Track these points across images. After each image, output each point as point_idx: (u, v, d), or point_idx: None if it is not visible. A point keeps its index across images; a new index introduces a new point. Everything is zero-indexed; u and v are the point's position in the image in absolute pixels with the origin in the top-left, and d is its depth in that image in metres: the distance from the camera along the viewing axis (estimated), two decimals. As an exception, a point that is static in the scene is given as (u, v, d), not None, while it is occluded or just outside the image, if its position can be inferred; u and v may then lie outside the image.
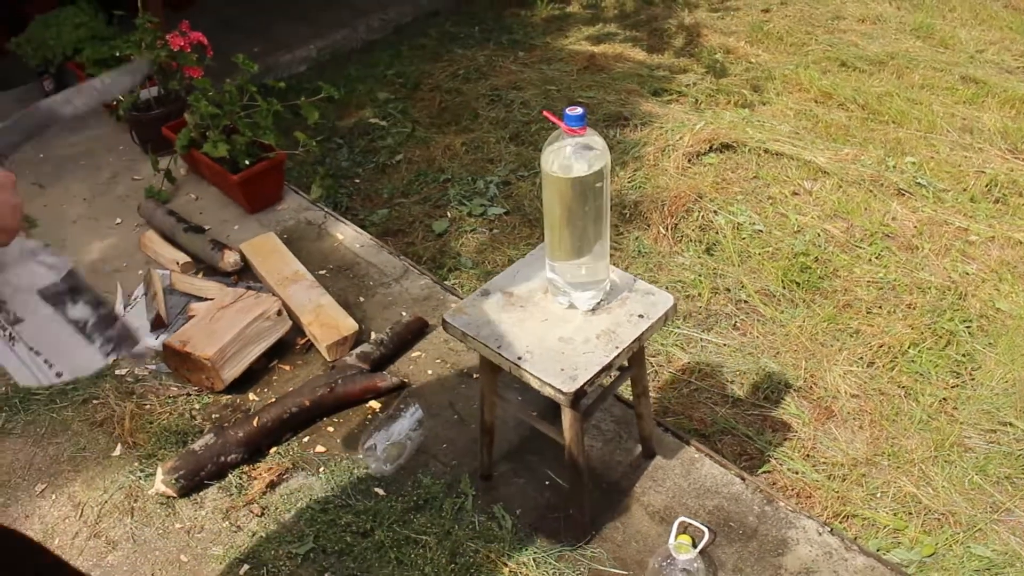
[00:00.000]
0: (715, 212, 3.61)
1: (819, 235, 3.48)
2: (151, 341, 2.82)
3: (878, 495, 2.49)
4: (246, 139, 3.34)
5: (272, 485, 2.37)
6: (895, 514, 2.42)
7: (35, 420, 2.62)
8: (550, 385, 1.77)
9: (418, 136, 4.31)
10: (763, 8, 5.71)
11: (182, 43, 3.57)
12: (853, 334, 3.03)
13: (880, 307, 3.14)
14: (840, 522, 2.40)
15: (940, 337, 3.00)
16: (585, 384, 1.76)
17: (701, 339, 3.05)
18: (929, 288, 3.20)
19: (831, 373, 2.87)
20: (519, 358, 1.82)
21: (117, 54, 3.75)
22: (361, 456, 2.42)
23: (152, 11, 3.72)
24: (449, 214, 3.72)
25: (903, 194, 3.72)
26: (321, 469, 2.41)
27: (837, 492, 2.48)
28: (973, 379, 2.86)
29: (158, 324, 2.84)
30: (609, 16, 5.68)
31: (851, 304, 3.16)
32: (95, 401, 2.66)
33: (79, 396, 2.67)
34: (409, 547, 2.17)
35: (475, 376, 2.65)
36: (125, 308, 3.00)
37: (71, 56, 4.10)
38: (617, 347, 1.83)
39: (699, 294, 3.23)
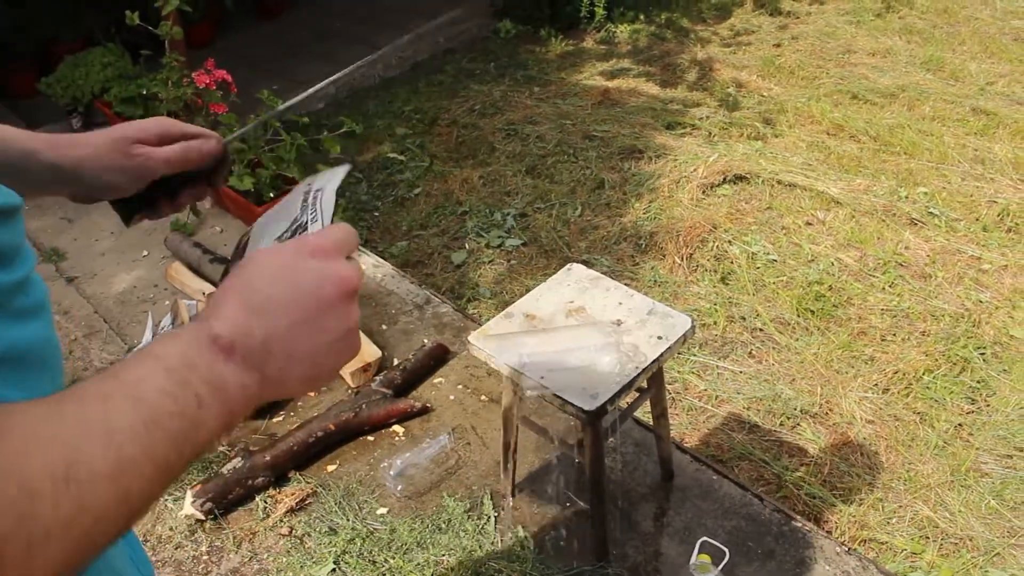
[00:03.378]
0: (729, 242, 3.67)
1: (833, 264, 3.53)
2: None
3: (895, 519, 2.51)
4: (270, 172, 3.43)
5: (296, 508, 2.41)
6: (912, 538, 2.44)
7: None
8: (572, 404, 1.81)
9: (436, 170, 4.39)
10: (774, 43, 5.80)
11: (207, 80, 3.66)
12: (868, 361, 3.07)
13: (894, 334, 3.18)
14: (857, 546, 2.42)
15: (954, 364, 3.03)
16: (606, 403, 1.81)
17: (717, 366, 3.08)
18: (943, 316, 3.24)
19: (847, 399, 2.90)
20: (541, 378, 1.86)
21: (144, 92, 3.85)
22: (384, 479, 2.46)
23: (178, 51, 3.83)
24: (467, 245, 3.78)
25: (916, 224, 3.77)
26: (344, 492, 2.45)
27: (854, 516, 2.51)
28: (988, 405, 2.88)
29: (185, 352, 2.90)
30: (622, 51, 5.78)
31: (865, 332, 3.19)
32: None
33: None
34: (430, 568, 2.21)
35: (495, 401, 2.70)
36: (154, 336, 3.06)
37: (99, 95, 4.21)
38: (637, 367, 1.87)
39: (715, 322, 3.28)
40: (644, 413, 2.47)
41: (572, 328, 2.01)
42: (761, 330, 3.24)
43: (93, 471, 0.52)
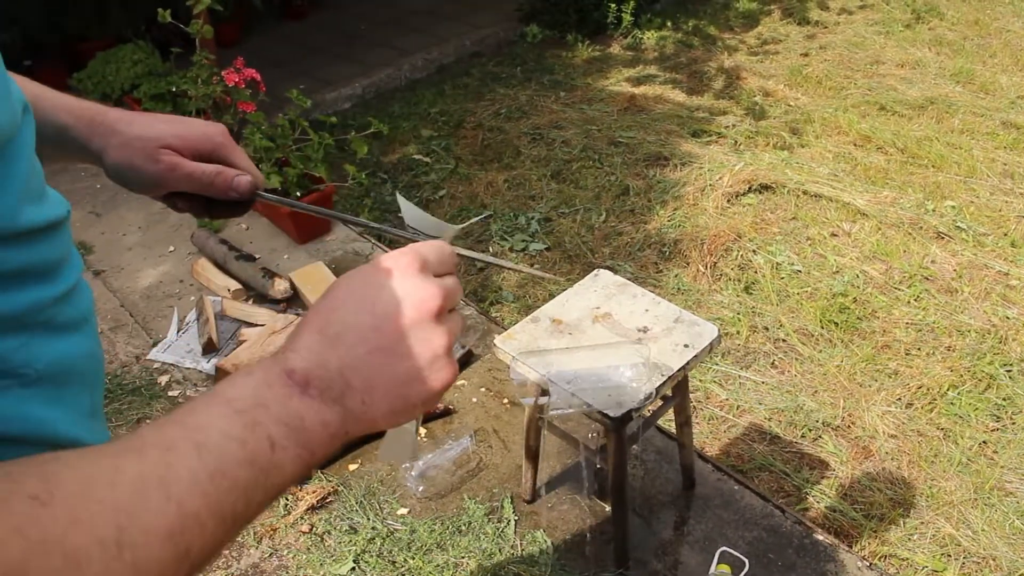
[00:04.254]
0: (754, 252, 3.65)
1: (858, 276, 3.51)
2: (204, 364, 2.90)
3: (916, 536, 2.49)
4: (298, 171, 3.44)
5: (317, 506, 2.42)
6: (934, 556, 2.43)
7: (89, 438, 2.69)
8: (597, 410, 1.81)
9: (461, 172, 4.40)
10: (802, 52, 5.78)
11: (236, 79, 3.68)
12: (892, 375, 3.05)
13: (919, 349, 3.15)
14: (878, 561, 2.40)
15: (980, 380, 3.00)
16: (631, 410, 1.81)
17: (739, 376, 3.07)
18: (969, 331, 3.22)
19: (869, 413, 2.89)
20: (567, 383, 1.86)
21: (174, 89, 3.88)
22: (405, 480, 2.47)
23: (208, 50, 3.85)
24: (491, 249, 3.79)
25: (943, 237, 3.74)
26: (365, 491, 2.46)
27: (875, 531, 2.49)
28: (1014, 423, 2.86)
29: (210, 348, 2.92)
30: (649, 58, 5.77)
31: (890, 345, 3.18)
32: (147, 421, 2.74)
33: (134, 415, 2.74)
34: (449, 570, 2.21)
35: (518, 404, 2.70)
36: (178, 332, 3.08)
37: (129, 91, 4.24)
38: (663, 375, 1.87)
39: (738, 332, 3.26)
40: (666, 421, 2.46)
41: (598, 334, 2.01)
42: (784, 341, 3.23)
43: (148, 531, 0.49)
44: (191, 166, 0.92)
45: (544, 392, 1.88)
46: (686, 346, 1.95)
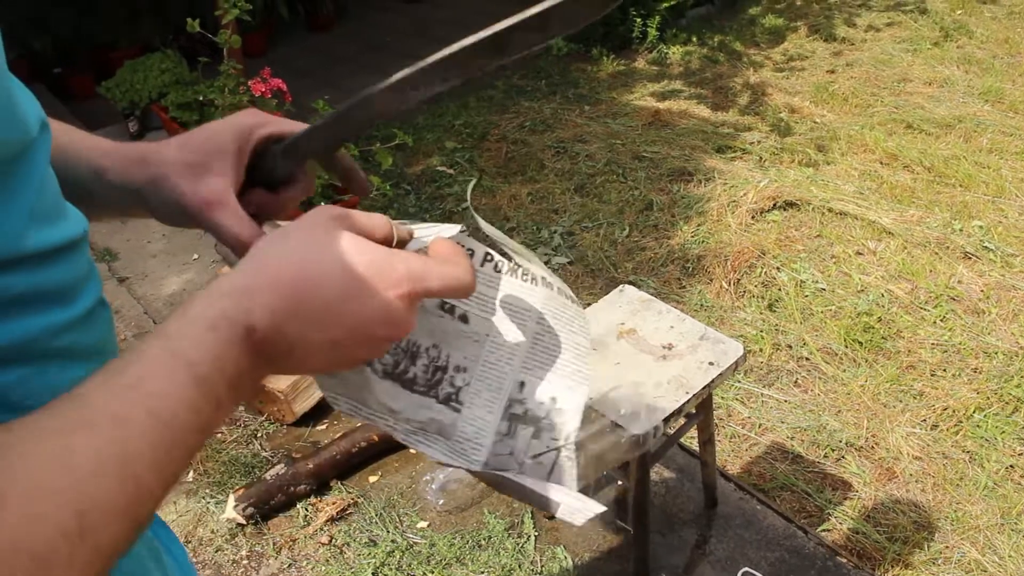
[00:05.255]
0: (778, 269, 3.63)
1: (883, 295, 3.48)
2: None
3: (940, 560, 2.46)
4: (322, 181, 3.45)
5: (337, 517, 2.42)
6: (959, 580, 2.39)
7: (111, 444, 2.71)
8: (620, 427, 1.80)
9: (484, 185, 4.40)
10: (828, 69, 5.75)
11: (263, 89, 3.71)
12: (916, 396, 3.02)
13: (945, 370, 3.12)
14: (902, 584, 2.38)
15: (1007, 403, 2.96)
16: (655, 428, 1.80)
17: (762, 394, 3.05)
18: (996, 353, 3.18)
19: (894, 434, 2.86)
20: (591, 399, 1.85)
21: (200, 98, 3.90)
22: (425, 493, 2.46)
23: (235, 59, 3.88)
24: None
25: (970, 257, 3.71)
26: (385, 503, 2.45)
27: (898, 555, 2.46)
28: (1041, 447, 2.82)
29: (232, 356, 2.93)
30: (674, 73, 5.76)
31: (915, 366, 3.14)
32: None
33: (155, 422, 2.75)
34: (469, 585, 2.20)
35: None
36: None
37: (156, 99, 4.27)
38: (688, 393, 1.86)
39: (760, 349, 3.24)
40: (688, 439, 2.45)
41: (623, 350, 2.00)
42: (808, 359, 3.20)
43: (107, 511, 0.48)
44: (235, 208, 0.78)
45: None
46: (711, 364, 1.94)
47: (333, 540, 2.35)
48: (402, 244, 0.69)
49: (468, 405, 0.75)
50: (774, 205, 4.06)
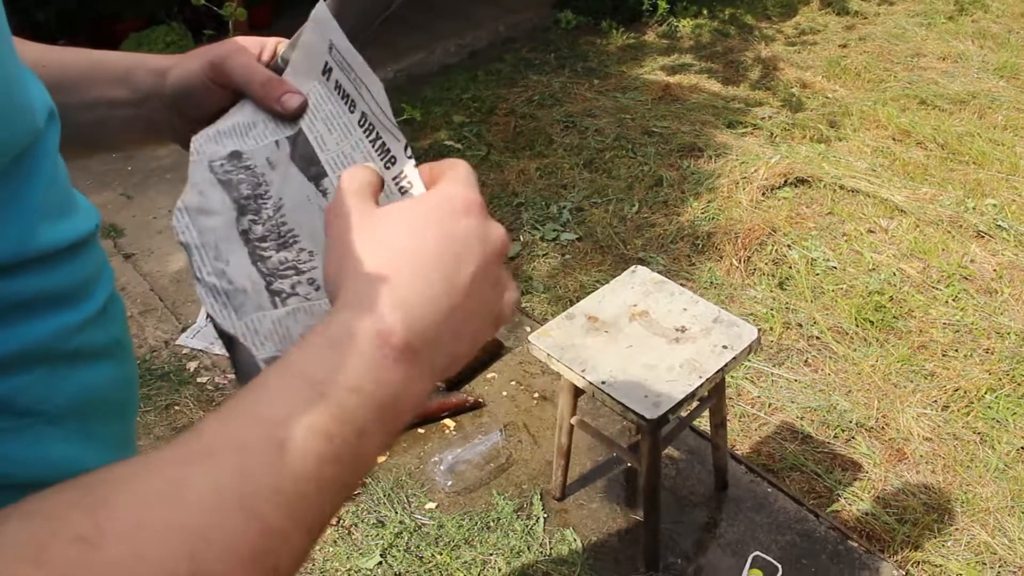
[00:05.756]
0: (788, 246, 3.60)
1: (894, 274, 3.45)
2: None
3: (950, 542, 2.45)
4: (329, 156, 3.42)
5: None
6: (968, 563, 2.38)
7: (119, 421, 2.70)
8: (633, 411, 1.78)
9: (492, 160, 4.36)
10: (841, 43, 5.68)
11: (270, 61, 3.66)
12: (928, 376, 2.99)
13: (956, 350, 3.09)
14: (911, 567, 2.36)
15: (1019, 384, 2.94)
16: (668, 412, 1.78)
17: (772, 374, 3.03)
18: (1008, 334, 3.15)
19: (904, 415, 2.84)
20: (603, 382, 1.84)
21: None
22: (434, 474, 2.45)
23: (241, 31, 3.83)
24: (522, 238, 3.75)
25: (983, 236, 3.67)
26: (393, 484, 2.44)
27: (908, 536, 2.45)
28: (1053, 428, 2.80)
29: (239, 334, 2.91)
30: (685, 47, 5.70)
31: (926, 346, 3.12)
32: (176, 408, 2.74)
33: (162, 401, 2.75)
34: (477, 567, 2.19)
35: (549, 399, 2.67)
36: (204, 321, 3.08)
37: (161, 71, 4.24)
38: (701, 377, 1.84)
39: (771, 328, 3.22)
40: (700, 420, 2.43)
41: (635, 332, 1.98)
42: (818, 338, 3.18)
43: (228, 556, 0.41)
44: (253, 61, 0.76)
45: (579, 392, 1.85)
46: (725, 347, 1.92)
47: (340, 520, 2.34)
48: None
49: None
50: (785, 182, 4.02)
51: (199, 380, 2.82)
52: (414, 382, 0.50)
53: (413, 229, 0.54)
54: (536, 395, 2.73)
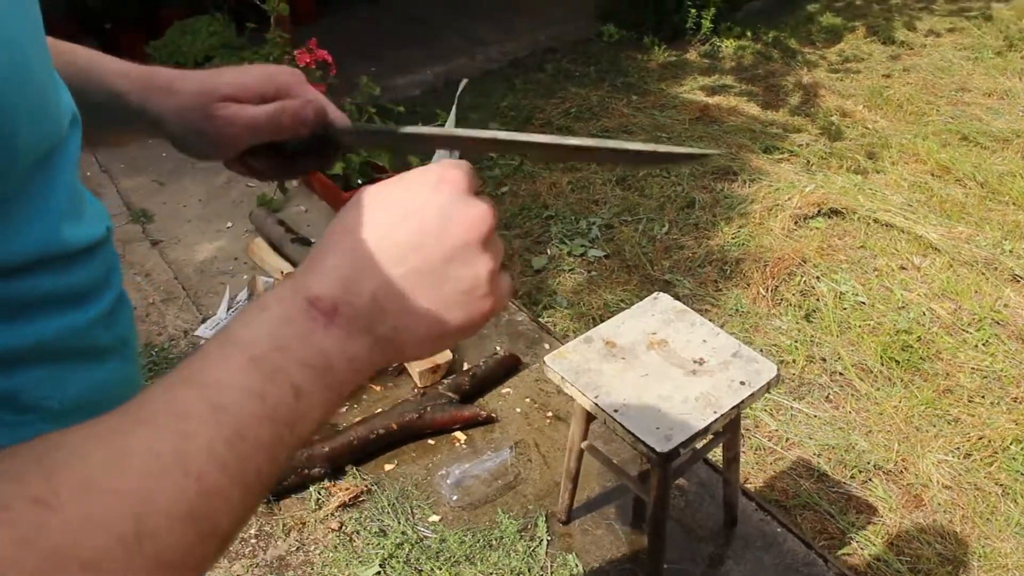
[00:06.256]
0: (818, 278, 3.54)
1: (924, 314, 3.38)
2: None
3: (964, 596, 2.39)
4: (361, 158, 3.42)
5: (349, 503, 2.39)
6: (982, 618, 2.32)
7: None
8: (643, 442, 1.75)
9: (525, 170, 4.34)
10: (884, 73, 5.60)
11: (308, 60, 3.67)
12: (952, 422, 2.93)
13: (983, 397, 3.03)
14: (922, 617, 2.31)
15: (1046, 436, 2.87)
16: (679, 446, 1.74)
17: (791, 407, 2.98)
18: (1038, 383, 3.08)
19: (924, 460, 2.77)
20: (615, 411, 1.80)
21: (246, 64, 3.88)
22: (440, 487, 2.43)
23: (283, 27, 3.84)
24: (549, 251, 3.73)
25: (1018, 280, 3.59)
26: (399, 494, 2.42)
27: (921, 586, 2.39)
28: (1079, 485, 2.73)
29: (257, 330, 2.90)
30: (726, 68, 5.65)
31: (952, 390, 3.05)
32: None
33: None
34: (478, 584, 2.17)
35: (562, 419, 2.64)
36: (228, 311, 3.07)
37: (202, 63, 4.25)
38: (716, 412, 1.80)
39: (793, 360, 3.17)
40: (713, 453, 2.39)
41: (652, 361, 1.94)
42: (841, 374, 3.12)
43: (168, 515, 0.43)
44: (249, 112, 0.79)
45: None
46: (742, 383, 1.87)
47: (343, 527, 2.32)
48: None
49: None
50: (818, 211, 3.96)
51: (214, 374, 2.81)
52: (349, 345, 0.51)
53: (377, 200, 0.55)
54: (550, 414, 2.70)
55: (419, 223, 0.54)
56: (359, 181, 3.43)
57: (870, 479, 2.72)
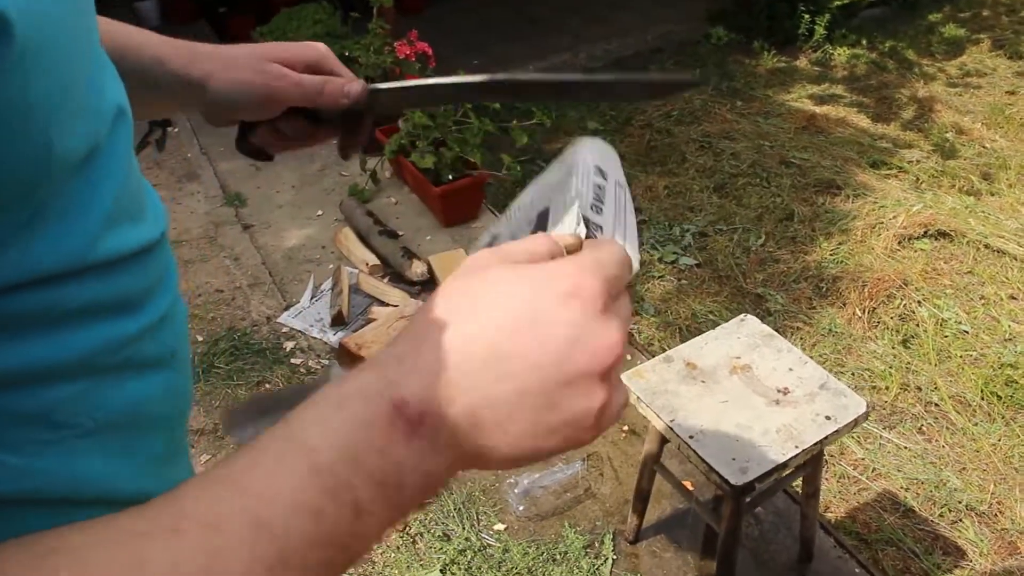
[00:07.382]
0: (919, 303, 3.39)
1: (1033, 348, 3.20)
2: (330, 336, 2.90)
3: (1055, 653, 2.25)
4: (453, 154, 3.40)
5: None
6: None
7: (212, 392, 2.74)
8: (717, 473, 1.68)
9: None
10: (1008, 89, 5.34)
11: (408, 51, 3.67)
12: (1055, 466, 2.76)
13: (1091, 442, 2.85)
14: (1007, 674, 2.18)
15: None
16: (755, 480, 1.66)
17: (881, 436, 2.85)
18: None
19: (1022, 504, 2.62)
20: (691, 436, 1.73)
21: (347, 54, 3.89)
22: (507, 495, 2.39)
23: (385, 18, 3.85)
24: (640, 256, 3.65)
25: None
26: (465, 499, 2.40)
27: (1008, 639, 2.26)
28: None
29: (338, 321, 2.92)
30: (837, 76, 5.46)
31: (1058, 432, 2.88)
32: (266, 385, 2.76)
33: (255, 377, 2.77)
34: (539, 598, 2.13)
35: (637, 433, 2.58)
36: (312, 299, 3.10)
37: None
38: (797, 447, 1.72)
39: (887, 387, 3.03)
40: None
41: (733, 386, 1.86)
42: (937, 406, 2.98)
43: None
44: (299, 76, 0.85)
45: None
46: (828, 418, 1.78)
47: (407, 528, 2.31)
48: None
49: None
50: (925, 232, 3.79)
51: (293, 361, 2.84)
52: (428, 461, 0.44)
53: (492, 294, 0.47)
54: (626, 428, 2.64)
55: (541, 341, 0.46)
56: (450, 176, 3.42)
57: (960, 519, 2.58)
